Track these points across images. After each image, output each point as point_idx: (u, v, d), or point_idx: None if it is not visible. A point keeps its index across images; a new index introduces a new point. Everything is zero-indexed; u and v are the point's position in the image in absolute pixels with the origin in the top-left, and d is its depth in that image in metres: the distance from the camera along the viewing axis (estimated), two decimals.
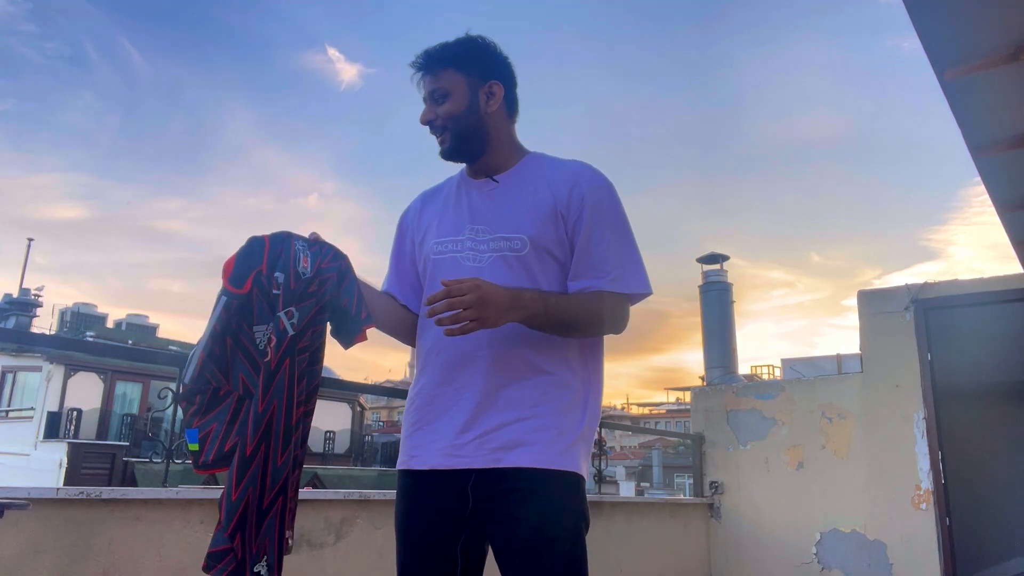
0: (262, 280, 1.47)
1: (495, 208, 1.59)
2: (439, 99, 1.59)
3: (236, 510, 1.36)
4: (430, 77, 1.60)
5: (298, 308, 1.46)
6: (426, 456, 1.51)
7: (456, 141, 1.60)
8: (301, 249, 1.50)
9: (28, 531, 1.99)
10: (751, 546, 5.46)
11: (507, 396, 1.48)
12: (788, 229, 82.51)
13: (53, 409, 17.24)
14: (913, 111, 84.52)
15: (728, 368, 18.38)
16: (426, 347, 1.60)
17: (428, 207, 1.72)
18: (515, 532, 1.40)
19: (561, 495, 1.43)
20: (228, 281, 1.46)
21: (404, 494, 1.55)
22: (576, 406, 1.52)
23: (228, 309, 1.45)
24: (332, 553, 2.75)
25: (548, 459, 1.43)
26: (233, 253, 1.49)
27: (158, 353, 4.88)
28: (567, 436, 1.47)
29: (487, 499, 1.44)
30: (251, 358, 1.45)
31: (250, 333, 1.46)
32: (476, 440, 1.46)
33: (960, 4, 2.26)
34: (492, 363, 1.49)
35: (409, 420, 1.58)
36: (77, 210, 53.41)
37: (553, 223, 1.54)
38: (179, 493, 2.36)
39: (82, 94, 50.28)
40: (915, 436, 4.97)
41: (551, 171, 1.60)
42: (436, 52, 1.61)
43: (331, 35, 75.93)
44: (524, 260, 1.52)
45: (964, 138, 2.97)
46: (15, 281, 23.96)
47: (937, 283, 5.21)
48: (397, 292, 1.71)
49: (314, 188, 70.26)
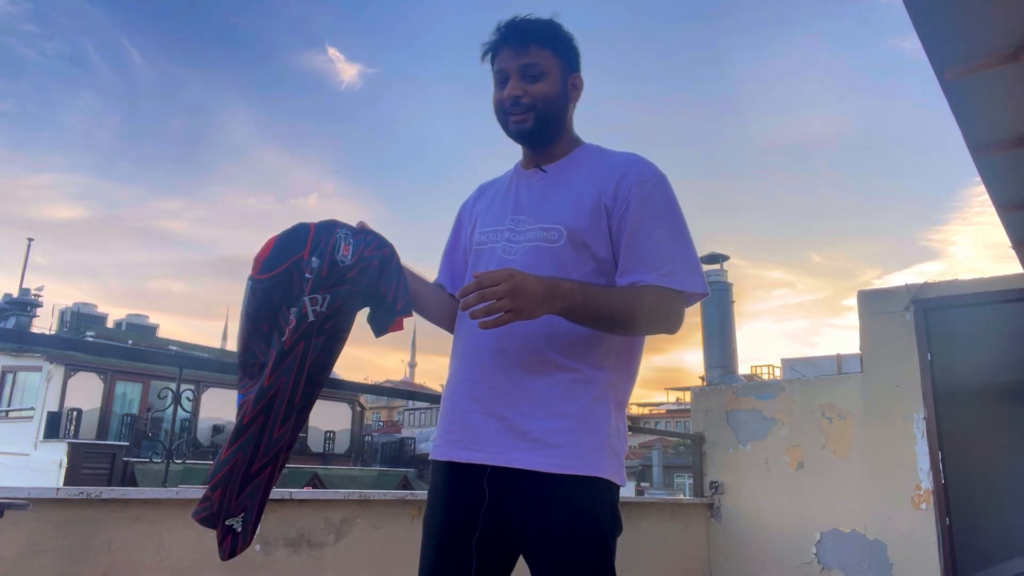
0: (302, 265, 1.49)
1: (539, 199, 1.55)
2: (533, 76, 1.51)
3: (222, 468, 1.42)
4: (522, 51, 1.51)
5: (331, 293, 1.47)
6: (446, 448, 1.50)
7: (540, 124, 1.53)
8: (343, 237, 1.51)
9: (28, 531, 1.99)
10: (751, 546, 5.46)
11: (528, 391, 1.43)
12: (788, 229, 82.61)
13: (53, 409, 17.24)
14: (913, 111, 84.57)
15: (728, 368, 18.38)
16: (458, 339, 1.59)
17: (482, 198, 1.69)
18: (542, 542, 1.37)
19: (584, 503, 1.38)
20: (255, 267, 1.50)
21: (431, 481, 1.56)
22: (602, 404, 1.44)
23: (254, 293, 1.49)
24: (332, 553, 2.75)
25: (568, 463, 1.38)
26: (271, 237, 1.51)
27: (158, 353, 4.88)
28: (591, 437, 1.41)
29: (505, 498, 1.41)
30: (269, 336, 1.49)
31: (287, 314, 1.49)
32: (494, 435, 1.42)
33: (960, 4, 2.26)
34: (513, 356, 1.44)
35: (441, 410, 1.58)
36: (77, 210, 53.47)
37: (594, 215, 1.47)
38: (179, 493, 2.36)
39: (82, 94, 50.34)
40: (915, 436, 4.97)
41: (600, 162, 1.55)
42: (534, 27, 1.53)
43: (332, 35, 76.01)
44: (557, 252, 1.47)
45: (964, 138, 2.97)
46: (15, 281, 24.00)
47: (937, 283, 5.21)
48: (447, 283, 1.70)
49: (314, 188, 70.36)
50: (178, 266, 57.43)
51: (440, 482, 1.52)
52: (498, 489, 1.41)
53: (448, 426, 1.52)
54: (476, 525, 1.43)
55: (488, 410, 1.45)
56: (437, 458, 1.52)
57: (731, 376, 17.44)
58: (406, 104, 77.90)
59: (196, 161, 57.75)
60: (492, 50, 1.56)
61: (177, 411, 2.70)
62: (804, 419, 5.43)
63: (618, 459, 1.46)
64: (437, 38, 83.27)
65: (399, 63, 78.41)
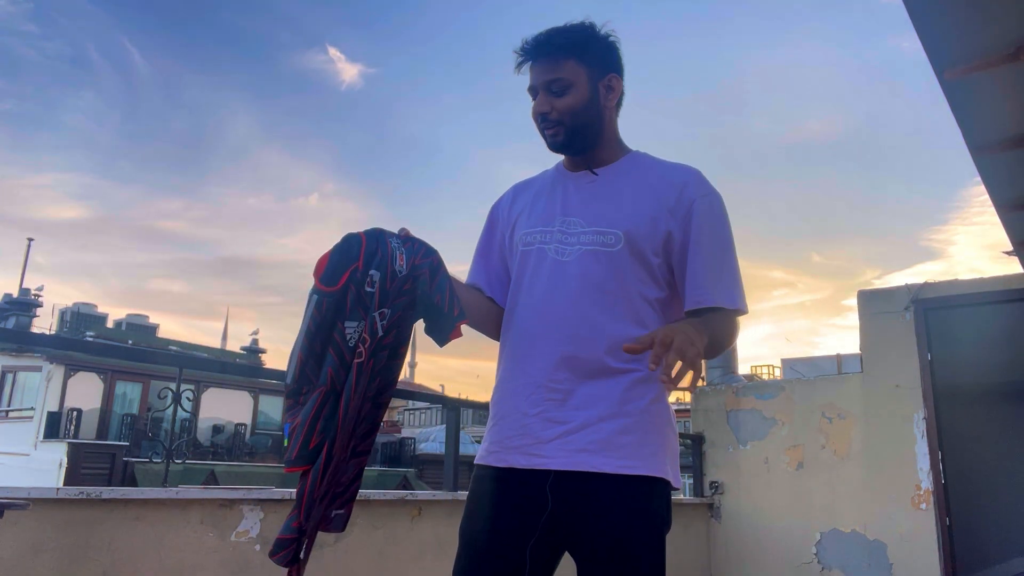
0: (357, 276, 1.45)
1: (592, 202, 1.52)
2: (558, 91, 1.51)
3: (314, 504, 1.36)
4: (547, 66, 1.51)
5: (391, 307, 1.44)
6: (503, 453, 1.47)
7: (570, 136, 1.53)
8: (397, 247, 1.47)
9: (28, 531, 1.99)
10: (751, 546, 5.46)
11: (587, 393, 1.42)
12: (788, 229, 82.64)
13: (53, 409, 17.23)
14: (913, 111, 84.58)
15: (728, 368, 18.36)
16: (506, 344, 1.56)
17: (520, 198, 1.66)
18: (599, 541, 1.36)
19: (647, 504, 1.39)
20: (320, 280, 1.45)
21: (478, 487, 1.51)
22: (661, 404, 1.46)
23: (320, 308, 1.44)
24: (332, 553, 2.75)
25: (635, 464, 1.38)
26: (327, 251, 1.47)
27: (158, 353, 4.88)
28: (654, 437, 1.42)
29: (568, 502, 1.39)
30: (340, 354, 1.43)
31: (342, 329, 1.44)
32: (559, 439, 1.40)
33: (960, 4, 2.26)
34: (569, 358, 1.43)
35: (491, 414, 1.55)
36: (77, 210, 53.41)
37: (652, 224, 1.46)
38: (179, 493, 2.36)
39: (83, 94, 50.24)
40: (915, 436, 4.97)
41: (658, 171, 1.54)
42: (555, 39, 1.51)
43: (332, 35, 75.96)
44: (615, 257, 1.46)
45: (964, 138, 2.97)
46: (15, 281, 23.98)
47: (937, 283, 5.21)
48: (484, 284, 1.66)
49: (315, 188, 70.30)
50: (178, 266, 57.44)
51: (489, 488, 1.49)
52: (563, 494, 1.39)
53: (504, 431, 1.49)
54: (534, 531, 1.41)
55: (548, 415, 1.43)
56: (494, 464, 1.48)
57: (731, 376, 17.43)
58: (407, 104, 77.92)
59: (196, 161, 57.74)
60: (523, 64, 1.55)
61: (177, 411, 2.70)
62: (804, 419, 5.43)
63: (676, 459, 1.48)
64: (438, 38, 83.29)
65: (400, 63, 78.44)
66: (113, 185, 53.57)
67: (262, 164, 63.06)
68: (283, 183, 69.12)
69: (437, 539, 3.13)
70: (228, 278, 66.22)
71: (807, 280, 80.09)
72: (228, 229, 63.11)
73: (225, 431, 19.62)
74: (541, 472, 1.40)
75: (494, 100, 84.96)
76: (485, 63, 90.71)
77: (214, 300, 65.66)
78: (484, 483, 1.51)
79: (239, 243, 65.64)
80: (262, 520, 2.53)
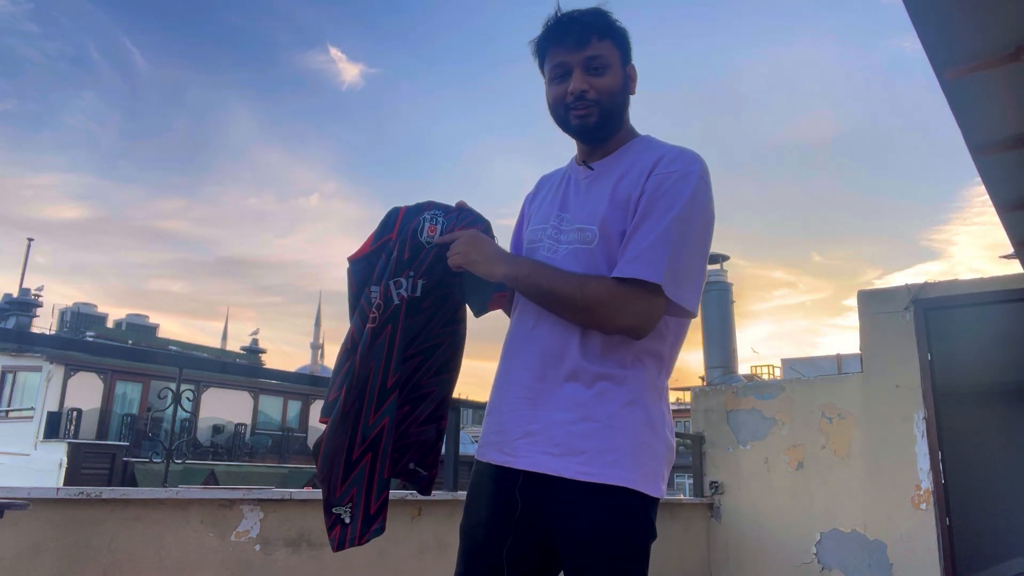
0: (389, 246, 1.55)
1: (581, 197, 1.50)
2: (597, 70, 1.44)
3: (329, 456, 1.46)
4: (584, 43, 1.44)
5: (426, 275, 1.53)
6: (485, 448, 1.48)
7: (603, 118, 1.46)
8: (430, 218, 1.55)
9: (28, 531, 1.99)
10: (751, 546, 5.46)
11: (559, 395, 1.38)
12: (788, 229, 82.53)
13: (53, 409, 17.23)
14: (913, 111, 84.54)
15: (728, 368, 18.40)
16: (505, 340, 1.56)
17: (539, 193, 1.65)
18: (567, 551, 1.35)
19: (608, 515, 1.31)
20: (355, 254, 1.58)
21: (471, 482, 1.53)
22: (634, 408, 1.36)
23: (349, 277, 1.58)
24: (332, 553, 2.74)
25: (594, 472, 1.31)
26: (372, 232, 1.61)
27: (158, 353, 4.88)
28: (621, 443, 1.34)
29: (536, 507, 1.37)
30: (364, 317, 1.52)
31: (368, 294, 1.54)
32: (526, 438, 1.38)
33: (960, 4, 2.26)
34: (546, 360, 1.40)
35: (486, 409, 1.56)
36: (77, 210, 53.42)
37: (623, 210, 1.39)
38: (179, 493, 2.36)
39: (83, 94, 50.26)
40: (915, 436, 4.97)
41: (644, 154, 1.45)
42: (593, 18, 1.45)
43: (333, 35, 75.95)
44: (593, 254, 1.41)
45: (964, 138, 2.97)
46: (15, 281, 23.99)
47: (937, 283, 5.21)
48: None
49: (315, 188, 70.25)
50: (178, 266, 57.42)
51: (478, 483, 1.50)
52: (529, 498, 1.37)
53: (488, 426, 1.50)
54: (508, 535, 1.39)
55: (519, 413, 1.41)
56: (479, 458, 1.50)
57: (731, 376, 17.45)
58: (408, 104, 77.91)
59: (196, 161, 57.75)
60: (550, 43, 1.47)
61: (177, 411, 2.70)
62: (804, 419, 5.43)
63: (656, 464, 1.37)
64: (439, 39, 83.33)
65: (401, 63, 78.43)
66: (113, 185, 53.60)
67: (262, 164, 63.08)
68: (283, 183, 69.13)
69: (437, 539, 3.13)
70: (228, 278, 66.17)
71: (808, 280, 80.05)
72: (228, 229, 63.13)
73: (225, 431, 19.61)
74: (513, 472, 1.39)
75: (495, 100, 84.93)
76: (487, 63, 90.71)
77: (214, 300, 65.60)
78: (474, 477, 1.53)
79: (239, 243, 65.61)
80: (262, 520, 2.53)
